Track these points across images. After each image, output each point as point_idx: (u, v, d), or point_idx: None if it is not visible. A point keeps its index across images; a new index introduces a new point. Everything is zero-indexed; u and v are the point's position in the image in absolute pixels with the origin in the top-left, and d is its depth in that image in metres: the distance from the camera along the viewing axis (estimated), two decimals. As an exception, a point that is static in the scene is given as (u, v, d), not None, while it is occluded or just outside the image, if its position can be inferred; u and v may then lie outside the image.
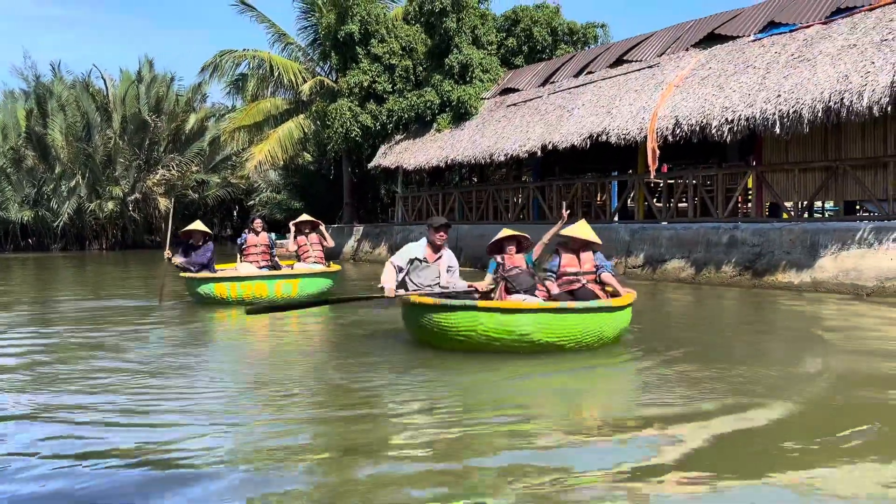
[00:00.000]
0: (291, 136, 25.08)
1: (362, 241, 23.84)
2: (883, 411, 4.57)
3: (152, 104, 35.17)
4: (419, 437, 4.12)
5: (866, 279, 10.90)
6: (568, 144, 15.53)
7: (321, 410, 4.74)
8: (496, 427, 4.29)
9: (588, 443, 4.00)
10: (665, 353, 6.42)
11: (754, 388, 5.07)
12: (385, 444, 4.02)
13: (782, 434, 4.05)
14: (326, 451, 3.92)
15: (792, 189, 12.89)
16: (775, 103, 11.89)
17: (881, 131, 11.74)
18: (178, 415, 4.59)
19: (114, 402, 4.91)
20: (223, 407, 4.78)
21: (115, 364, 6.23)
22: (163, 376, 5.69)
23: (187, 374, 5.85)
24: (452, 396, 5.08)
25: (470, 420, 4.43)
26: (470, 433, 4.13)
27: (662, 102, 13.99)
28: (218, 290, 10.52)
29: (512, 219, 18.28)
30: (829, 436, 4.01)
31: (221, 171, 38.98)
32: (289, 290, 10.74)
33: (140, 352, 6.84)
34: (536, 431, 4.23)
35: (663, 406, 4.63)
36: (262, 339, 8.04)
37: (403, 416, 4.60)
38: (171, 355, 6.64)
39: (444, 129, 20.06)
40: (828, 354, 6.44)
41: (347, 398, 5.01)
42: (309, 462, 3.71)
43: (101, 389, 5.32)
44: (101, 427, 4.36)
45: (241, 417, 4.52)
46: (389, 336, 7.59)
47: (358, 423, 4.37)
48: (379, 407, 4.83)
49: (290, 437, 4.14)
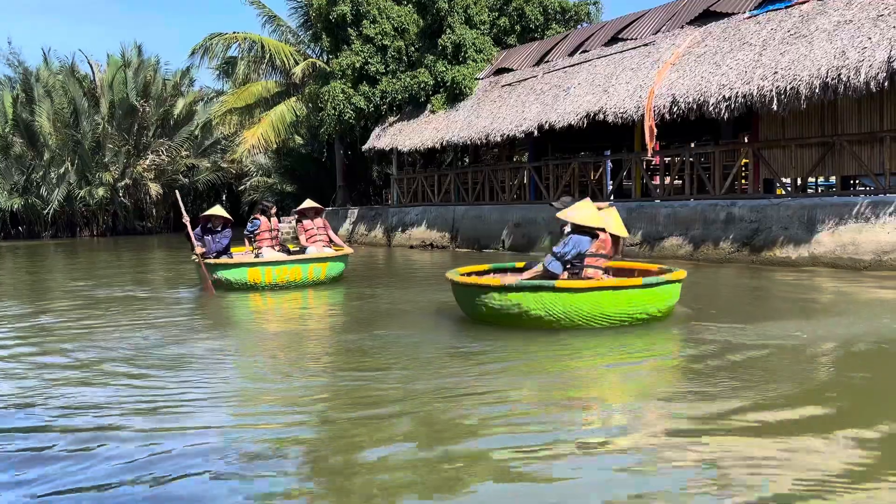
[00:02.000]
0: (284, 120, 24.96)
1: (357, 224, 23.83)
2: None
3: (140, 89, 34.83)
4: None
5: (864, 253, 11.05)
6: (565, 124, 15.55)
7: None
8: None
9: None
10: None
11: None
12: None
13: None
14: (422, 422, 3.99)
15: (789, 165, 13.00)
16: (772, 80, 11.95)
17: (877, 106, 11.84)
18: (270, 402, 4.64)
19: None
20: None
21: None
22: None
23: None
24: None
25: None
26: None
27: (659, 80, 14.01)
28: (251, 276, 10.39)
29: (508, 199, 18.33)
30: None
31: (211, 156, 38.75)
32: (319, 273, 10.88)
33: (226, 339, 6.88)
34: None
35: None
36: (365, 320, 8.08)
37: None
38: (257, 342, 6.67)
39: (439, 110, 20.01)
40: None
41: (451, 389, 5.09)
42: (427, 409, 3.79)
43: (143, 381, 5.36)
44: (126, 415, 4.42)
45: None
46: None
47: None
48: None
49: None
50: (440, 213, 20.10)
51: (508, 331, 6.60)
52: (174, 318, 8.38)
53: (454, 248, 19.10)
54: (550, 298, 6.44)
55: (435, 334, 6.88)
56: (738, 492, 3.02)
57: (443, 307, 8.25)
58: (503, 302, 6.63)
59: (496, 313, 6.75)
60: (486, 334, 6.55)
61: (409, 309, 8.53)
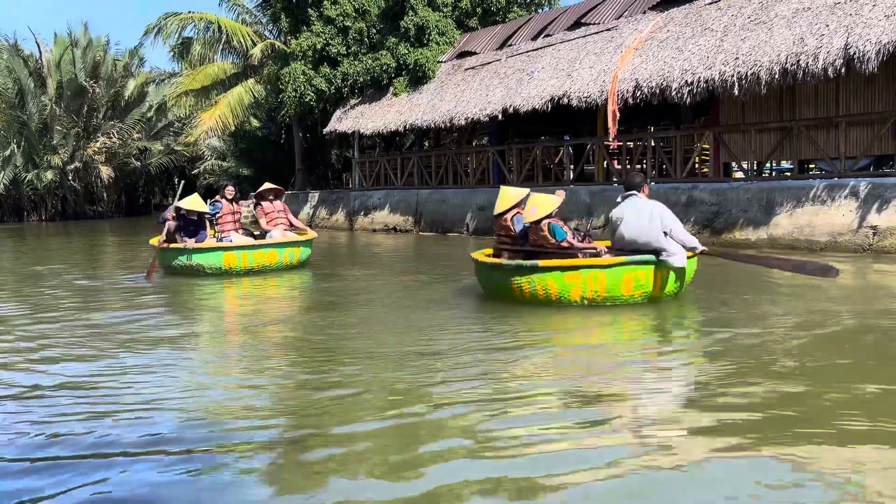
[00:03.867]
0: (242, 102, 24.51)
1: (318, 208, 23.61)
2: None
3: (89, 69, 33.70)
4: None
5: (819, 235, 11.43)
6: (529, 108, 15.63)
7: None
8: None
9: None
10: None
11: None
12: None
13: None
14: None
15: (748, 149, 13.32)
16: (734, 66, 12.20)
17: (833, 92, 12.20)
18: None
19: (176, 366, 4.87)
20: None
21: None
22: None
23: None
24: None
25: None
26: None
27: (622, 65, 14.18)
28: (227, 261, 10.09)
29: (473, 183, 18.37)
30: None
31: (164, 138, 37.85)
32: (293, 257, 10.77)
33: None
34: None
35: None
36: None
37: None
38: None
39: (402, 93, 19.90)
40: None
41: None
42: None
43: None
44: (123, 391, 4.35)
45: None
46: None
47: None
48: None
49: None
50: (403, 197, 20.04)
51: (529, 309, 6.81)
52: (144, 302, 8.22)
53: (418, 231, 19.09)
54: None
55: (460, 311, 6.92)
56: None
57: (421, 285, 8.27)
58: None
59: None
60: (503, 311, 6.67)
61: (388, 289, 8.54)
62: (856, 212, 11.10)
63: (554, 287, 6.74)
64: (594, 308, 6.70)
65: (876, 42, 10.48)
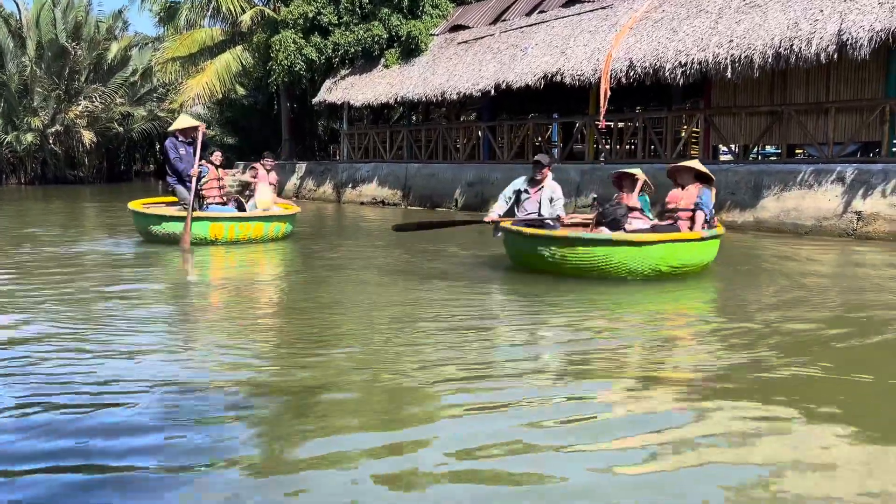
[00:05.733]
0: (229, 69, 24.18)
1: (306, 179, 23.50)
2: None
3: (70, 30, 33.01)
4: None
5: (805, 219, 11.63)
6: (522, 84, 15.62)
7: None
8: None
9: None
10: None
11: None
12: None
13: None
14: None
15: (738, 132, 13.45)
16: (727, 48, 12.27)
17: (824, 78, 12.33)
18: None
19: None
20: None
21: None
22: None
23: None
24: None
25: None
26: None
27: (616, 44, 14.20)
28: (213, 232, 9.73)
29: (463, 158, 18.38)
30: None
31: (148, 104, 37.29)
32: (278, 231, 10.61)
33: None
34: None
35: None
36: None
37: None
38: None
39: (393, 65, 19.76)
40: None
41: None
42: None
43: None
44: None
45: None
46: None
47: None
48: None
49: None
50: (392, 171, 20.00)
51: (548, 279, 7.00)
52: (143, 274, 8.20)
53: (406, 205, 19.10)
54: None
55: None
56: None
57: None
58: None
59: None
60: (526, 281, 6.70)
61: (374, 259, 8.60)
62: (841, 197, 11.30)
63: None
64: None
65: (869, 29, 10.60)
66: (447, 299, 6.24)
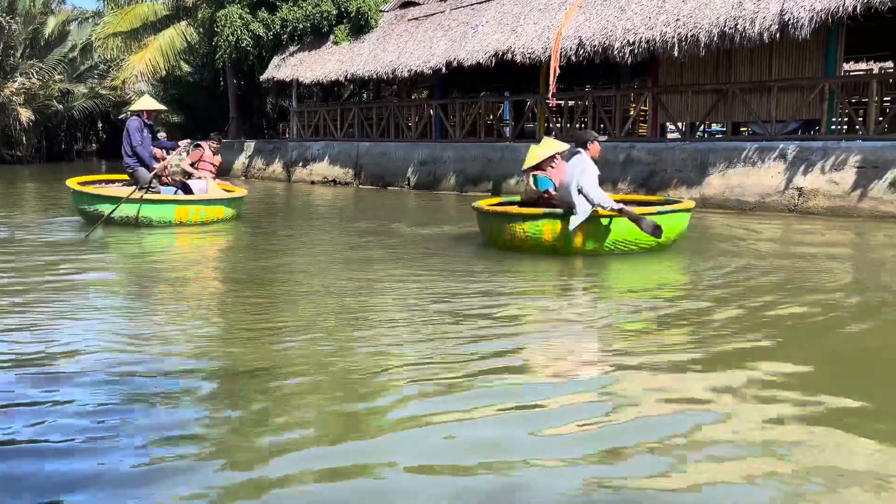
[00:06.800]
0: (173, 45, 23.53)
1: (254, 158, 23.10)
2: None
3: (4, 4, 31.60)
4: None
5: (749, 195, 11.92)
6: (474, 62, 15.57)
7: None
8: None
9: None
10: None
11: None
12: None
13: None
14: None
15: (685, 110, 13.68)
16: (674, 27, 12.44)
17: (767, 57, 12.59)
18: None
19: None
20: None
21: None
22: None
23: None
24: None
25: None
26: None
27: (566, 23, 14.25)
28: (179, 215, 9.56)
29: (415, 137, 18.28)
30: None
31: (88, 81, 36.02)
32: (235, 212, 10.58)
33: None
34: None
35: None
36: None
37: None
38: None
39: (343, 41, 19.47)
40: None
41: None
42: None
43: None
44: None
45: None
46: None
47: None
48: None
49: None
50: (343, 149, 19.79)
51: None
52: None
53: (358, 184, 18.95)
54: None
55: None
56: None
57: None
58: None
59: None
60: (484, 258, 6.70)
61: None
62: (783, 174, 11.61)
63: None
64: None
65: (809, 9, 10.85)
66: (404, 278, 6.23)
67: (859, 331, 4.55)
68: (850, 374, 3.78)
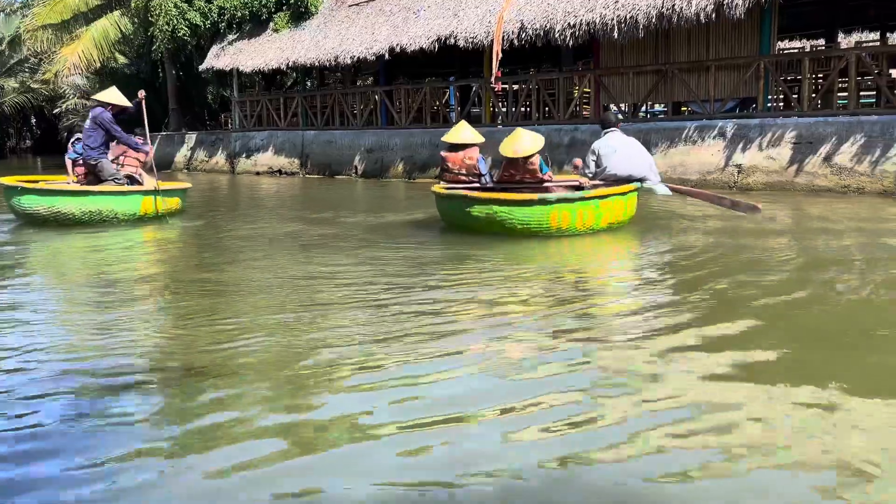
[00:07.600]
0: (107, 36, 22.74)
1: (196, 150, 22.59)
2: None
3: (-77, -5, 30.19)
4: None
5: (691, 173, 12.17)
6: (416, 47, 15.48)
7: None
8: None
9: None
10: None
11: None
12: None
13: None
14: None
15: (626, 92, 13.86)
16: (614, 9, 12.57)
17: (704, 37, 12.83)
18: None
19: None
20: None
21: None
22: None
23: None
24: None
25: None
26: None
27: (508, 6, 14.26)
28: (144, 207, 9.22)
29: (361, 124, 18.11)
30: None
31: (19, 75, 34.68)
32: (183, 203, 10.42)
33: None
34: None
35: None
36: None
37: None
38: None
39: (283, 29, 19.13)
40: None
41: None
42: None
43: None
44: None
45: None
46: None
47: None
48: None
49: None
50: (288, 138, 19.50)
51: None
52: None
53: (304, 174, 18.72)
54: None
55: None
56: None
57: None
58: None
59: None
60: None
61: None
62: (723, 151, 11.89)
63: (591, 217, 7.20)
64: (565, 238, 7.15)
65: (743, -11, 11.08)
66: (355, 268, 6.17)
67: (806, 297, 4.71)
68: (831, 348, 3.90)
